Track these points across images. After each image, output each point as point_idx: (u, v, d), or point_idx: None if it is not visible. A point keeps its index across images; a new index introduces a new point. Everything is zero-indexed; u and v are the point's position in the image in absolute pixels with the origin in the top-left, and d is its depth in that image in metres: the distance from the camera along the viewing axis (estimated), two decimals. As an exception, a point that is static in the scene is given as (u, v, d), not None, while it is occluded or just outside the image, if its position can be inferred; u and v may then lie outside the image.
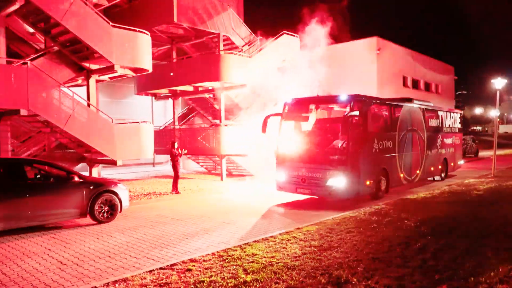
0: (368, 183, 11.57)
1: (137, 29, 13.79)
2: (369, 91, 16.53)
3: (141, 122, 14.44)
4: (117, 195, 9.60)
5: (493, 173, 17.98)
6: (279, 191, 12.27)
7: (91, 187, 9.19)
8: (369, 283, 5.29)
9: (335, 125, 11.88)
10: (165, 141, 19.35)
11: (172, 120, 21.85)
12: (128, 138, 13.80)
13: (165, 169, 22.86)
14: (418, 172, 14.65)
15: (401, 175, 13.48)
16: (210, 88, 19.05)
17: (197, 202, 12.63)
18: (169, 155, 15.28)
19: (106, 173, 19.25)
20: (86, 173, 12.37)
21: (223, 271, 5.86)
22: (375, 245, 7.10)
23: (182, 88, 19.39)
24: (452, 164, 17.97)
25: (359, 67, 25.43)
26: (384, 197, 12.26)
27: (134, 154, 14.35)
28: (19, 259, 6.80)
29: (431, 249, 6.77)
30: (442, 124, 16.87)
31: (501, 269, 5.64)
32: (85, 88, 14.48)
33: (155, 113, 24.16)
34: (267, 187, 14.58)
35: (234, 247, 7.12)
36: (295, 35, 20.43)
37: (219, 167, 19.87)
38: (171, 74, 18.50)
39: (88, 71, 14.07)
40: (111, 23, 12.99)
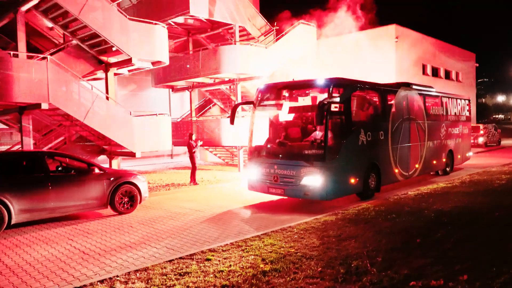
0: (353, 181, 9.98)
1: (154, 22, 13.85)
2: (387, 80, 16.20)
3: (159, 114, 14.54)
4: (136, 186, 9.76)
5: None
6: (250, 190, 10.73)
7: (111, 179, 9.35)
8: None
9: (311, 114, 10.48)
10: (183, 133, 19.53)
11: (189, 112, 21.99)
12: (146, 130, 13.93)
13: (183, 161, 23.07)
14: (417, 166, 13.14)
15: (396, 171, 11.98)
16: (226, 79, 19.05)
17: (214, 192, 12.72)
18: (186, 147, 15.38)
19: (125, 165, 19.56)
20: (106, 165, 12.57)
21: (242, 260, 5.90)
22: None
23: (198, 80, 19.44)
24: (459, 156, 16.27)
25: (377, 56, 24.97)
26: (374, 196, 10.80)
27: (152, 146, 14.49)
28: (43, 249, 6.98)
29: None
30: (446, 112, 15.25)
31: (525, 260, 5.50)
32: (104, 81, 14.67)
33: (172, 105, 24.33)
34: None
35: (252, 237, 7.15)
36: (312, 24, 20.19)
37: (236, 158, 19.94)
38: (188, 66, 18.55)
39: (106, 65, 14.23)
40: (127, 17, 13.08)
